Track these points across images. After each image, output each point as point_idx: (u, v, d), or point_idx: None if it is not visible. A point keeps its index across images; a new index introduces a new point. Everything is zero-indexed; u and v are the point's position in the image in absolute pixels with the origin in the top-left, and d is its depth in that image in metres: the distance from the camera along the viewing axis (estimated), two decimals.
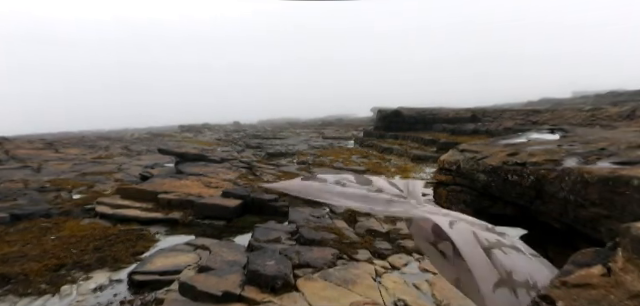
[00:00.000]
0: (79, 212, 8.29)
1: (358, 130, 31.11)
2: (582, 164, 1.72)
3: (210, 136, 31.23)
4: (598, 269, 1.02)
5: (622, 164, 1.60)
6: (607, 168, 1.57)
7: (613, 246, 1.09)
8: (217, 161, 13.33)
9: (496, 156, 2.21)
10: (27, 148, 18.31)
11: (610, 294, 0.93)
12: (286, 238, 6.05)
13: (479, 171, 2.21)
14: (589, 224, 1.58)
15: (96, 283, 5.01)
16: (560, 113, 17.81)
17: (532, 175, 1.85)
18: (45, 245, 6.19)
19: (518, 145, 2.48)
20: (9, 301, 4.58)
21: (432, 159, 14.54)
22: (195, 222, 7.57)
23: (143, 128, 45.29)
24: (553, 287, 1.02)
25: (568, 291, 0.98)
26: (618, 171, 1.49)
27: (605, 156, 1.79)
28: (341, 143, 25.02)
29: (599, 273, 1.01)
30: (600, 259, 1.08)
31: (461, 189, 2.44)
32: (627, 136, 2.29)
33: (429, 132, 19.75)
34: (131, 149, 20.62)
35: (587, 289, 0.97)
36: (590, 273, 1.02)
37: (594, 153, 1.87)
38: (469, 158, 2.36)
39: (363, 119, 47.75)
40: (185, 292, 4.16)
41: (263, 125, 50.90)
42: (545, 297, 1.00)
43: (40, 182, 11.10)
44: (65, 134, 35.23)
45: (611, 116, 14.69)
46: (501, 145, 2.57)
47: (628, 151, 1.83)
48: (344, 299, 4.05)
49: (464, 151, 2.55)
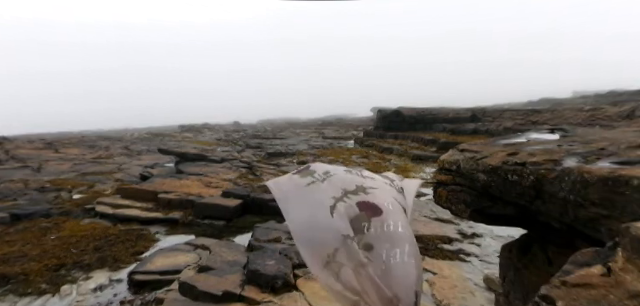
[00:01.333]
0: (79, 212, 8.30)
1: (358, 130, 31.12)
2: (582, 164, 1.72)
3: (210, 136, 31.23)
4: (598, 269, 1.02)
5: (622, 164, 1.60)
6: (607, 168, 1.57)
7: (613, 246, 1.09)
8: (217, 161, 13.33)
9: (496, 156, 2.21)
10: (27, 148, 18.32)
11: (610, 294, 0.93)
12: (286, 238, 6.05)
13: (479, 171, 2.21)
14: (589, 224, 1.58)
15: (96, 283, 5.01)
16: (560, 113, 17.81)
17: (532, 175, 1.85)
18: (45, 245, 6.19)
19: (518, 145, 2.48)
20: (9, 301, 4.58)
21: (432, 159, 14.54)
22: (195, 222, 7.57)
23: (143, 128, 45.30)
24: (553, 287, 1.02)
25: (568, 291, 0.98)
26: (618, 171, 1.49)
27: (605, 156, 1.79)
28: (341, 143, 25.01)
29: (599, 273, 1.01)
30: (600, 259, 1.08)
31: (461, 189, 2.43)
32: (627, 136, 2.29)
33: (429, 132, 19.74)
34: (131, 149, 20.62)
35: (587, 289, 0.97)
36: (590, 273, 1.02)
37: (594, 153, 1.87)
38: (469, 158, 2.35)
39: (363, 119, 47.77)
40: (185, 292, 4.16)
41: (263, 125, 50.91)
42: (545, 297, 1.00)
43: (40, 182, 11.11)
44: (65, 134, 35.23)
45: (611, 116, 14.69)
46: (501, 145, 2.57)
47: (628, 151, 1.83)
48: None
49: (464, 151, 2.55)
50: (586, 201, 1.56)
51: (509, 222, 2.30)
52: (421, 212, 7.58)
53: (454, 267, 5.05)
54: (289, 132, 33.95)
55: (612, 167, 1.57)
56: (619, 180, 1.44)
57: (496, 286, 4.03)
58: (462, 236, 6.32)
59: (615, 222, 1.41)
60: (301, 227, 1.47)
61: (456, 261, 5.28)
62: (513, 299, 2.61)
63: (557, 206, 1.74)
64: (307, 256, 1.42)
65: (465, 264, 5.19)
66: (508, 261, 2.71)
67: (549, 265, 2.19)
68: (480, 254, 5.56)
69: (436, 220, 7.17)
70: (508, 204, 2.11)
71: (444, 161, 2.62)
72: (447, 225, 6.85)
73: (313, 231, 1.46)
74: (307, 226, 1.47)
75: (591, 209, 1.54)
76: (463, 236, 6.32)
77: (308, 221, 1.47)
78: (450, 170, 2.54)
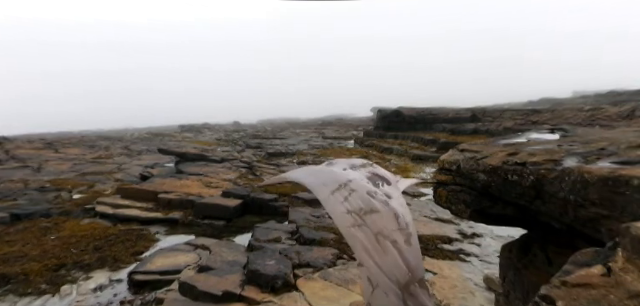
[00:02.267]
0: (79, 212, 8.29)
1: (358, 130, 31.12)
2: (582, 164, 1.72)
3: (210, 136, 31.24)
4: (598, 269, 1.02)
5: (622, 164, 1.60)
6: (607, 168, 1.57)
7: (613, 246, 1.09)
8: (217, 161, 13.33)
9: (496, 156, 2.21)
10: (27, 148, 18.32)
11: (610, 294, 0.93)
12: (286, 238, 6.05)
13: (479, 171, 2.21)
14: (589, 224, 1.58)
15: (96, 283, 5.01)
16: (560, 113, 17.81)
17: (532, 175, 1.85)
18: (45, 245, 6.19)
19: (518, 145, 2.47)
20: (9, 301, 4.58)
21: (432, 159, 14.54)
22: (195, 222, 7.57)
23: (143, 128, 45.32)
24: (553, 287, 1.02)
25: (568, 291, 0.98)
26: (618, 171, 1.49)
27: (605, 156, 1.79)
28: (341, 143, 25.01)
29: (599, 273, 1.01)
30: (600, 259, 1.08)
31: (461, 189, 2.43)
32: (627, 136, 2.29)
33: (429, 132, 19.74)
34: (131, 149, 20.63)
35: (587, 289, 0.97)
36: (590, 273, 1.02)
37: (594, 153, 1.87)
38: (469, 158, 2.35)
39: (363, 119, 47.77)
40: (185, 292, 4.16)
41: (263, 125, 50.93)
42: (545, 297, 1.00)
43: (40, 182, 11.11)
44: (65, 134, 35.25)
45: (611, 116, 14.69)
46: (501, 145, 2.56)
47: (628, 151, 1.83)
48: (344, 299, 4.05)
49: (464, 151, 2.55)
50: (586, 201, 1.56)
51: (509, 222, 2.30)
52: (421, 212, 7.58)
53: (454, 267, 5.05)
54: (289, 132, 33.97)
55: (612, 167, 1.57)
56: (619, 180, 1.44)
57: (496, 286, 4.03)
58: (462, 236, 6.32)
59: (615, 222, 1.41)
60: (316, 180, 1.70)
61: (456, 261, 5.28)
62: (513, 299, 2.61)
63: (557, 206, 1.74)
64: (317, 188, 1.61)
65: (465, 264, 5.19)
66: (508, 261, 2.71)
67: (549, 265, 2.19)
68: (480, 254, 5.56)
69: (436, 220, 7.18)
70: (508, 204, 2.11)
71: (444, 161, 2.62)
72: (447, 225, 6.85)
73: (326, 175, 1.70)
74: (322, 178, 1.69)
75: (591, 209, 1.54)
76: (463, 236, 6.32)
77: (323, 177, 1.71)
78: (450, 170, 2.54)
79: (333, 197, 1.52)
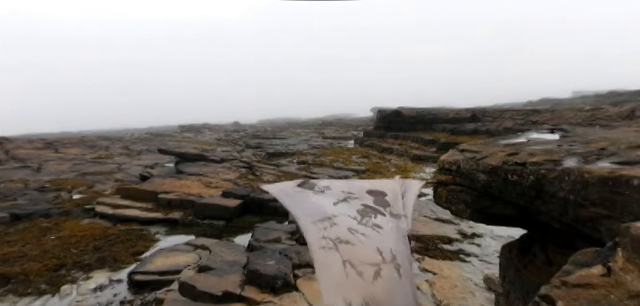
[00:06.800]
0: (79, 212, 8.30)
1: (358, 130, 31.13)
2: (582, 164, 1.72)
3: (210, 136, 31.25)
4: (598, 269, 1.02)
5: (622, 164, 1.60)
6: (607, 168, 1.57)
7: (613, 246, 1.09)
8: (217, 161, 13.33)
9: (496, 156, 2.21)
10: (27, 148, 18.31)
11: (610, 294, 0.93)
12: (286, 238, 6.05)
13: (479, 171, 2.21)
14: (589, 224, 1.58)
15: (96, 283, 5.01)
16: (560, 113, 17.81)
17: (532, 175, 1.85)
18: (45, 245, 6.19)
19: (518, 145, 2.47)
20: (9, 301, 4.58)
21: (432, 159, 14.54)
22: (195, 222, 7.57)
23: (143, 128, 45.35)
24: (553, 287, 1.02)
25: (568, 291, 0.98)
26: (618, 171, 1.49)
27: (605, 156, 1.79)
28: (341, 143, 25.02)
29: (599, 273, 1.01)
30: (600, 259, 1.08)
31: (461, 189, 2.43)
32: (627, 136, 2.29)
33: (429, 132, 19.75)
34: (131, 149, 20.63)
35: (587, 289, 0.97)
36: (590, 273, 1.02)
37: (594, 153, 1.87)
38: (469, 158, 2.35)
39: (363, 119, 47.80)
40: (185, 292, 4.16)
41: (263, 125, 50.97)
42: (545, 297, 1.00)
43: (40, 182, 11.11)
44: (65, 134, 35.25)
45: (611, 116, 14.69)
46: (501, 145, 2.56)
47: (628, 151, 1.83)
48: None
49: (464, 151, 2.55)
50: (586, 201, 1.56)
51: (509, 222, 2.30)
52: (421, 212, 7.58)
53: (454, 267, 5.05)
54: (289, 132, 33.97)
55: (612, 167, 1.57)
56: (619, 180, 1.44)
57: (496, 286, 4.03)
58: (462, 236, 6.32)
59: (615, 222, 1.41)
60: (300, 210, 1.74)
61: (456, 261, 5.28)
62: (513, 299, 2.61)
63: (557, 206, 1.73)
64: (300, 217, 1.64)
65: (465, 264, 5.19)
66: (508, 261, 2.71)
67: (549, 265, 2.19)
68: (480, 254, 5.56)
69: (436, 220, 7.17)
70: (508, 204, 2.11)
71: (444, 161, 2.62)
72: (447, 225, 6.85)
73: (311, 207, 1.73)
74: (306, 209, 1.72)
75: (591, 209, 1.54)
76: (463, 236, 6.32)
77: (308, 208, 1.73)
78: (450, 170, 2.54)
79: (314, 226, 1.59)
